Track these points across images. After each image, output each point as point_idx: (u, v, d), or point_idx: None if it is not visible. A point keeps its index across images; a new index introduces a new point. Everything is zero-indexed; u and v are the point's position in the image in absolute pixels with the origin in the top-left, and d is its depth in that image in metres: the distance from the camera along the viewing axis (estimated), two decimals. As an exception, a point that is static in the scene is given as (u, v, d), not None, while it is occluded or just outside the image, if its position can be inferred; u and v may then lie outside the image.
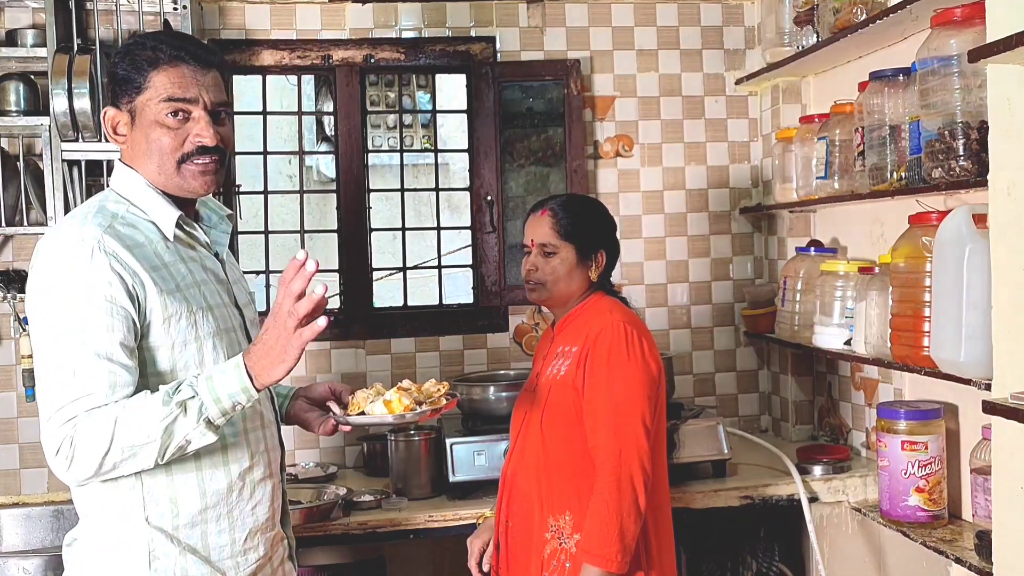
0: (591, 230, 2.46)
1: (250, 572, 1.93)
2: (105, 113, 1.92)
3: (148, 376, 1.82)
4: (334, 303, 3.67)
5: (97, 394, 1.74)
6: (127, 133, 1.91)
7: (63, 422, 1.74)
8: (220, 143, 1.91)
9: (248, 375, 1.76)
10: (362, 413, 2.02)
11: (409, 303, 3.74)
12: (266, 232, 3.62)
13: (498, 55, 3.61)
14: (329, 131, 5.19)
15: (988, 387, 2.10)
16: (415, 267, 3.94)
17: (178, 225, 1.92)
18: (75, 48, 3.02)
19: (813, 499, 3.00)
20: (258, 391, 1.78)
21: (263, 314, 2.08)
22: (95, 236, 1.79)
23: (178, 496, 1.85)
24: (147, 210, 1.90)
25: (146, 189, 1.91)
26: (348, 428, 2.09)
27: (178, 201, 1.94)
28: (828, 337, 2.98)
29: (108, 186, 1.97)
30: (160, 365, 1.84)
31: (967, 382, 2.27)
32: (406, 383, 2.07)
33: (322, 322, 1.74)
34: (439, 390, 2.10)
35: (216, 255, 2.04)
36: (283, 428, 2.15)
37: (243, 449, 1.93)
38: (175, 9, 3.17)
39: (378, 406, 2.01)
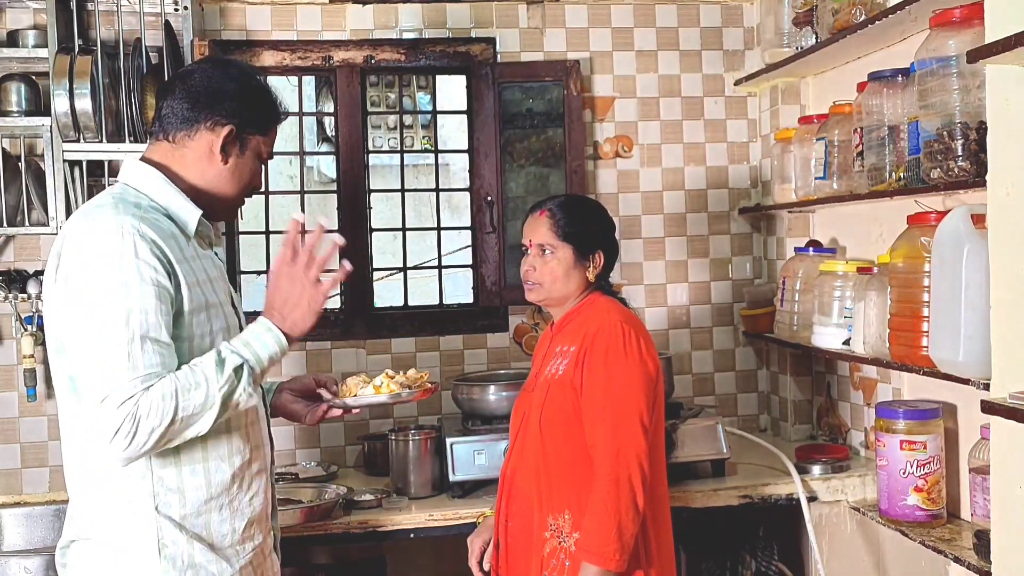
0: (589, 230, 2.47)
1: (247, 561, 2.00)
2: (231, 131, 2.01)
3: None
4: (334, 303, 3.68)
5: (152, 375, 1.79)
6: (230, 154, 2.04)
7: (121, 402, 1.77)
8: None
9: (280, 331, 1.91)
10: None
11: (409, 303, 3.75)
12: (267, 232, 3.63)
13: (498, 56, 3.61)
14: (330, 132, 5.20)
15: (987, 387, 2.10)
16: (415, 267, 3.95)
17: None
18: (76, 49, 3.03)
19: (812, 498, 3.01)
20: (290, 344, 1.93)
21: (249, 314, 2.16)
22: (134, 224, 1.85)
23: (185, 486, 1.91)
24: (167, 206, 1.97)
25: (165, 186, 1.98)
26: (339, 412, 2.20)
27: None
28: (827, 337, 2.98)
29: (120, 182, 2.02)
30: (180, 357, 1.87)
31: (966, 382, 2.28)
32: (391, 372, 2.24)
33: (331, 284, 1.97)
34: (422, 376, 2.30)
35: (215, 255, 2.13)
36: (282, 426, 2.18)
37: (244, 442, 2.00)
38: (176, 10, 3.17)
39: (368, 390, 2.20)
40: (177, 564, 1.90)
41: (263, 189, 3.57)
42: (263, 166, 2.15)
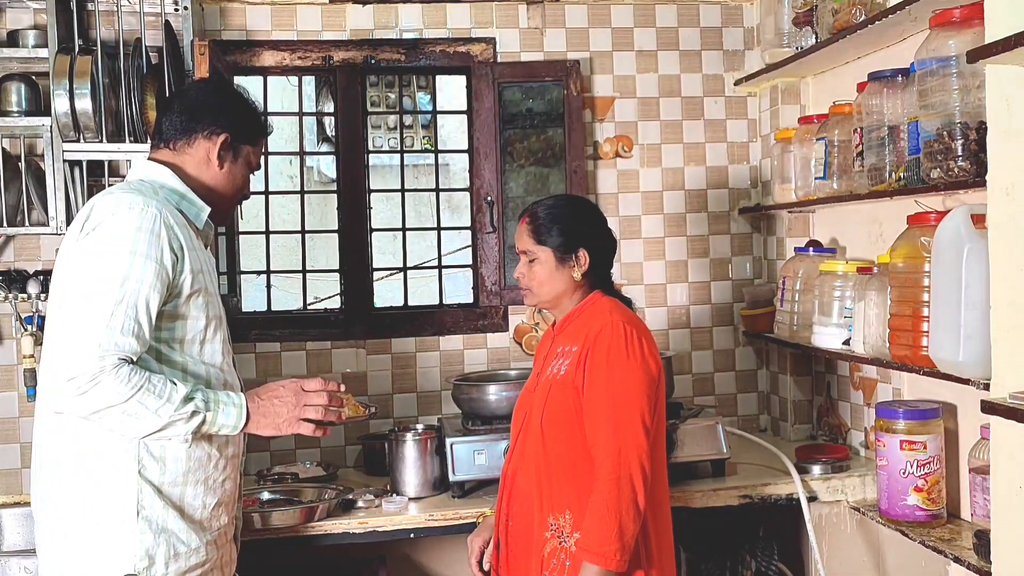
0: (566, 231, 2.45)
1: (213, 538, 2.18)
2: (226, 139, 2.25)
3: (161, 341, 2.09)
4: (334, 303, 3.69)
5: (127, 342, 1.98)
6: (225, 159, 2.27)
7: (96, 357, 1.94)
8: None
9: (246, 420, 2.12)
10: None
11: (409, 303, 3.75)
12: (267, 232, 3.63)
13: (498, 56, 3.61)
14: (330, 132, 5.21)
15: (987, 387, 2.10)
16: (415, 267, 3.95)
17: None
18: (76, 49, 3.03)
19: (812, 498, 3.00)
20: (241, 430, 2.14)
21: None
22: (158, 207, 2.07)
23: (167, 456, 2.10)
24: (179, 200, 2.20)
25: (177, 182, 2.22)
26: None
27: None
28: (827, 337, 2.98)
29: (136, 178, 2.22)
30: (174, 332, 2.11)
31: (966, 382, 2.28)
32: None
33: (310, 431, 2.20)
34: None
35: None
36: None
37: None
38: (176, 10, 3.17)
39: (347, 410, 2.50)
40: (152, 526, 2.07)
41: (264, 189, 3.60)
42: (252, 175, 2.39)
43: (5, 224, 3.09)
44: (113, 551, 2.05)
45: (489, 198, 3.58)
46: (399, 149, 4.11)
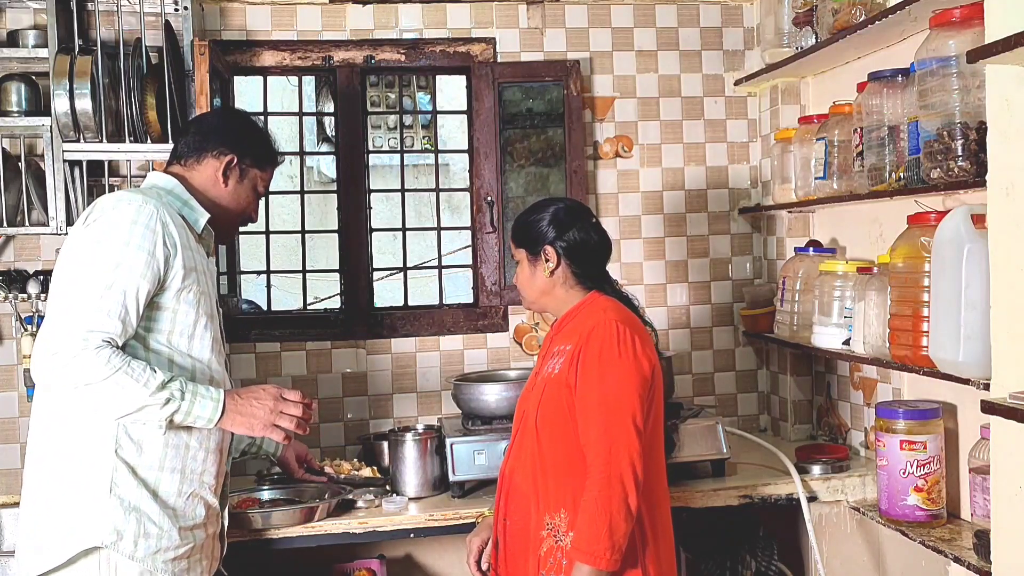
0: (531, 230, 2.47)
1: (188, 525, 2.23)
2: (232, 159, 2.38)
3: (149, 331, 2.18)
4: (334, 303, 3.69)
5: (112, 324, 2.08)
6: (230, 178, 2.40)
7: (80, 335, 2.04)
8: None
9: (221, 415, 2.18)
10: (352, 474, 3.08)
11: (409, 303, 3.75)
12: (267, 232, 3.63)
13: (498, 56, 3.62)
14: (330, 132, 5.21)
15: (987, 387, 2.11)
16: (415, 267, 3.95)
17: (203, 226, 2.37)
18: (76, 49, 3.03)
19: (812, 498, 3.00)
20: (215, 424, 2.20)
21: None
22: (156, 206, 2.18)
23: (145, 440, 2.17)
24: (182, 207, 2.31)
25: (182, 191, 2.34)
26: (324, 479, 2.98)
27: None
28: (827, 337, 2.98)
29: (145, 185, 2.37)
30: (160, 324, 2.20)
31: (966, 382, 2.28)
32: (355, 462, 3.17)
33: (280, 437, 2.29)
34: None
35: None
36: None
37: None
38: (176, 10, 3.17)
39: (366, 472, 3.09)
40: (124, 504, 2.14)
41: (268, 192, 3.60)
42: (259, 200, 2.51)
43: (5, 224, 3.09)
44: (84, 525, 2.13)
45: (489, 198, 3.58)
46: (399, 149, 4.11)
